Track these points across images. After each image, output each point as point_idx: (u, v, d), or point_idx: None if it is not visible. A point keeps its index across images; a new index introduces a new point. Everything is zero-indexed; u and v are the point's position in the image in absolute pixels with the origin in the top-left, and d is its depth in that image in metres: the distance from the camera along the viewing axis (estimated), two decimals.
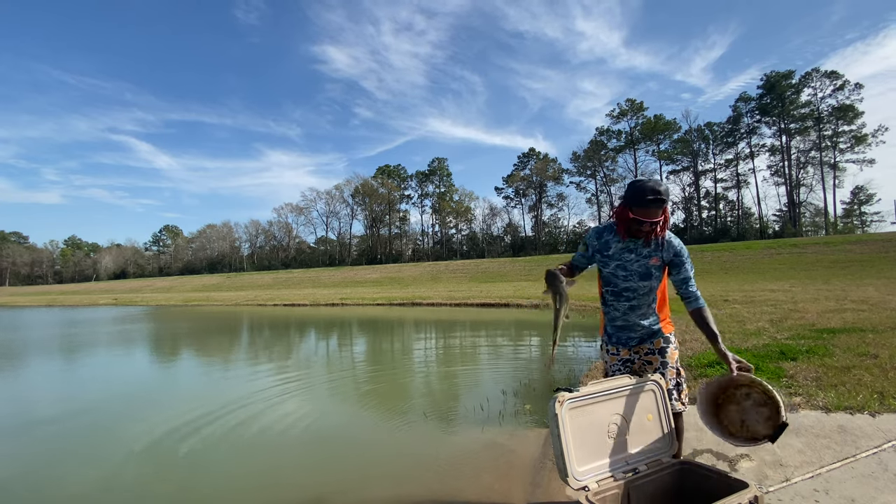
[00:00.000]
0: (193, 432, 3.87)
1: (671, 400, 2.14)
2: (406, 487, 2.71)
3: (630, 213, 1.94)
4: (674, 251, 2.06)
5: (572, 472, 1.79)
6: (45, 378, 6.98)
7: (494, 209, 71.09)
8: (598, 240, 2.11)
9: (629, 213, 1.94)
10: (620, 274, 2.09)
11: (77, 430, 4.13)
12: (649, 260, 2.05)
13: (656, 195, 1.88)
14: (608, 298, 2.17)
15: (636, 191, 1.92)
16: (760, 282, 18.81)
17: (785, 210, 53.75)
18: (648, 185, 1.90)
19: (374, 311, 17.86)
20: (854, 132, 48.49)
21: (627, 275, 2.08)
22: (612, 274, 2.11)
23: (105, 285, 71.96)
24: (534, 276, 36.05)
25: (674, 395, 2.14)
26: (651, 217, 1.91)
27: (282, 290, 41.63)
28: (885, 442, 2.52)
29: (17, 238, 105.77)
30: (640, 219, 1.92)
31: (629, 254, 2.06)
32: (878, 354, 4.34)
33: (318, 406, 4.79)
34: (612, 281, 2.12)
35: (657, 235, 2.00)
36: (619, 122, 62.14)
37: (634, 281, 2.08)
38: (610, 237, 2.08)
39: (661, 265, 2.08)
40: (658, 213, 1.91)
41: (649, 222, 1.92)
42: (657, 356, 2.16)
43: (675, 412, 2.13)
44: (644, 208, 1.89)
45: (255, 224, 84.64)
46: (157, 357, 8.92)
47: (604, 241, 2.09)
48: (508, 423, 3.77)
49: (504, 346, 8.30)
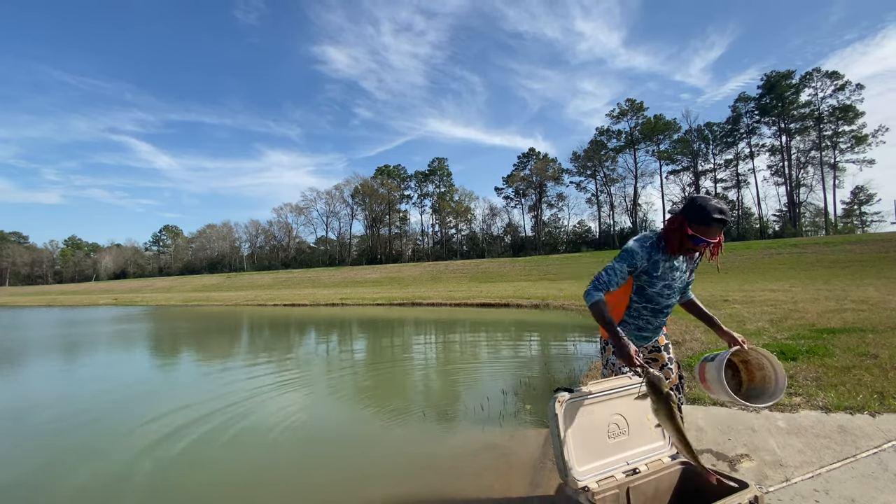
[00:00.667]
0: (193, 431, 3.87)
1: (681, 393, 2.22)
2: (406, 487, 2.71)
3: (689, 230, 1.86)
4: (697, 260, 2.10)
5: (572, 472, 1.79)
6: (45, 377, 6.98)
7: (494, 209, 71.18)
8: (648, 259, 1.99)
9: (688, 230, 1.86)
10: (665, 293, 2.05)
11: (76, 429, 4.12)
12: (687, 275, 2.08)
13: (722, 215, 1.81)
14: (644, 314, 2.11)
15: (701, 208, 1.84)
16: (760, 282, 18.81)
17: (785, 210, 53.77)
18: (714, 203, 1.83)
19: (374, 311, 17.86)
20: (854, 132, 48.51)
21: (672, 293, 2.06)
22: (658, 293, 2.05)
23: (105, 285, 71.95)
24: (534, 277, 36.04)
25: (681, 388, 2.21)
26: (711, 237, 1.85)
27: (282, 290, 41.62)
28: (885, 442, 2.52)
29: (17, 238, 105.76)
30: (699, 237, 1.85)
31: (675, 272, 2.02)
32: (878, 354, 4.34)
33: (318, 405, 4.79)
34: (656, 299, 2.06)
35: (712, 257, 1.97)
36: (619, 122, 62.22)
37: (674, 297, 2.09)
38: (659, 256, 1.98)
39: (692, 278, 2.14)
40: (717, 233, 1.86)
41: (707, 241, 1.86)
42: (663, 353, 2.21)
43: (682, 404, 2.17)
44: (706, 227, 1.83)
45: (255, 224, 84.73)
46: (157, 356, 8.91)
47: (654, 261, 1.99)
48: (508, 423, 3.77)
49: (504, 346, 8.30)
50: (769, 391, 2.07)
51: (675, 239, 1.92)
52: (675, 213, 1.95)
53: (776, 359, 2.07)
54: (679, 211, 1.94)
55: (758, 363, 2.17)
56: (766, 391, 2.08)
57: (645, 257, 1.97)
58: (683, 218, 1.88)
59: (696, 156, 57.99)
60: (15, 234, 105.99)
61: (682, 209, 1.92)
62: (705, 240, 1.85)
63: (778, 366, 2.06)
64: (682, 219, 1.89)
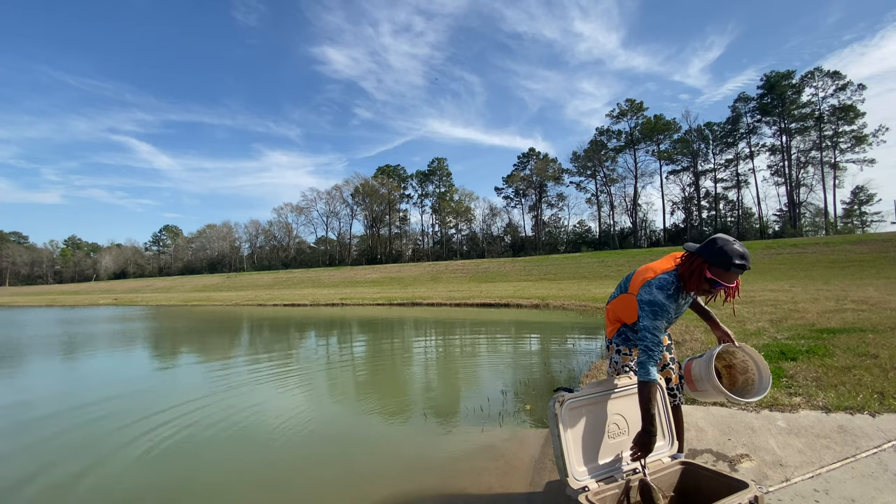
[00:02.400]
0: (192, 430, 3.87)
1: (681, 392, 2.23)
2: (406, 487, 2.71)
3: (708, 273, 1.83)
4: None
5: (572, 472, 1.79)
6: (44, 377, 6.98)
7: (494, 209, 71.18)
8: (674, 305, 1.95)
9: (706, 273, 1.83)
10: (673, 319, 2.04)
11: (75, 428, 4.12)
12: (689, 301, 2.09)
13: (743, 260, 1.78)
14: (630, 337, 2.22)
15: (722, 252, 1.79)
16: (760, 282, 18.80)
17: (785, 210, 53.75)
18: (737, 248, 1.79)
19: (374, 310, 17.86)
20: (854, 132, 48.49)
21: (677, 317, 2.09)
22: (668, 322, 2.02)
23: (105, 285, 71.94)
24: (534, 277, 36.04)
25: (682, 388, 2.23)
26: (729, 281, 1.82)
27: (282, 290, 41.62)
28: (885, 442, 2.52)
29: (17, 238, 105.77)
30: (717, 281, 1.82)
31: (684, 303, 2.04)
32: (878, 354, 4.33)
33: (317, 405, 4.79)
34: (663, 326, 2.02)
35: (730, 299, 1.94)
36: (619, 122, 62.21)
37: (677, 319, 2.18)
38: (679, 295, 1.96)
39: None
40: (736, 277, 1.84)
41: (725, 286, 1.84)
42: (665, 353, 2.22)
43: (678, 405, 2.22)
44: (726, 272, 1.80)
45: (255, 224, 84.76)
46: (157, 356, 8.91)
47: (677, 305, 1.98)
48: (508, 423, 3.77)
49: (504, 346, 8.30)
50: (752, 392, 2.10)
51: (692, 281, 1.89)
52: (694, 253, 1.89)
53: (762, 359, 2.12)
54: (698, 250, 1.88)
55: (742, 366, 2.20)
56: (748, 393, 2.11)
57: (672, 306, 1.93)
58: (703, 260, 1.84)
59: (696, 156, 57.97)
60: (15, 234, 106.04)
61: (701, 249, 1.87)
62: (723, 284, 1.82)
63: (764, 367, 2.11)
64: (700, 261, 1.85)
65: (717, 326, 2.18)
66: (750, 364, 2.18)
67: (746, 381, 2.16)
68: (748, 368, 2.18)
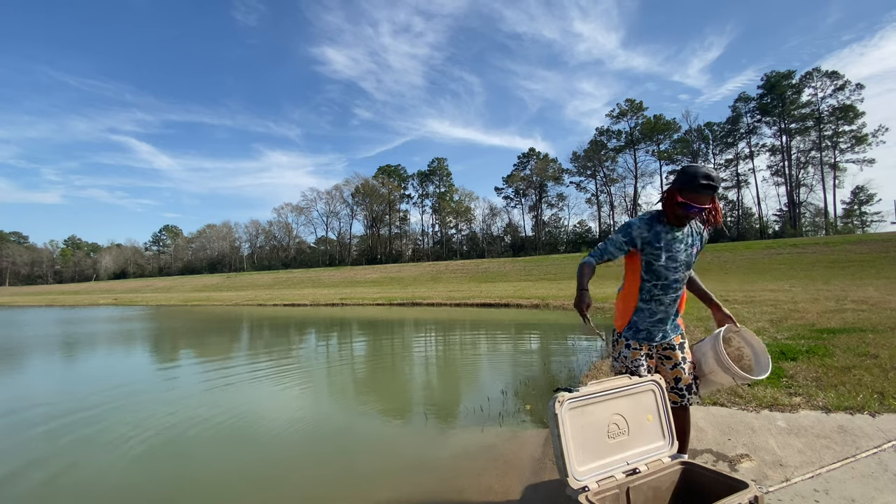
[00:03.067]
0: (191, 428, 3.87)
1: (690, 394, 2.19)
2: (405, 487, 2.71)
3: (679, 197, 1.92)
4: (705, 237, 2.15)
5: (572, 472, 1.79)
6: (43, 376, 6.98)
7: (494, 209, 71.19)
8: (648, 230, 2.03)
9: (678, 197, 1.93)
10: (672, 265, 2.05)
11: (74, 427, 4.12)
12: (693, 248, 2.10)
13: (709, 180, 1.87)
14: (655, 293, 2.09)
15: (688, 175, 1.90)
16: (760, 282, 18.80)
17: (785, 210, 53.75)
18: (702, 169, 1.90)
19: (374, 310, 17.86)
20: (854, 132, 48.48)
21: (677, 266, 2.07)
22: (664, 266, 2.04)
23: (105, 285, 71.94)
24: (534, 277, 36.02)
25: (693, 389, 2.19)
26: (701, 203, 1.90)
27: (282, 290, 41.62)
28: (885, 442, 2.52)
29: (17, 238, 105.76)
30: (689, 203, 1.90)
31: (678, 244, 2.05)
32: (878, 354, 4.34)
33: (317, 405, 4.79)
34: (663, 273, 2.06)
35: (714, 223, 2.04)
36: (619, 122, 62.20)
37: (682, 271, 2.09)
38: (659, 227, 2.04)
39: (699, 251, 2.13)
40: (708, 199, 1.91)
41: (698, 208, 1.90)
42: (677, 352, 2.18)
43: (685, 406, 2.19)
44: (695, 193, 1.88)
45: (255, 224, 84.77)
46: (156, 355, 8.91)
47: (654, 232, 2.03)
48: (508, 423, 3.76)
49: (504, 346, 8.30)
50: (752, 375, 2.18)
51: (667, 207, 2.00)
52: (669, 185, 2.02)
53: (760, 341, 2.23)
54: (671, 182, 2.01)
55: (737, 354, 2.27)
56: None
57: (644, 228, 2.03)
58: (673, 187, 1.96)
59: (696, 156, 57.94)
60: (15, 234, 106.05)
61: (673, 180, 1.99)
62: (696, 206, 1.90)
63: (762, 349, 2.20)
64: (672, 188, 1.97)
65: (718, 309, 2.23)
66: (745, 351, 2.25)
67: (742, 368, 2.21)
68: (742, 356, 2.25)
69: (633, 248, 2.08)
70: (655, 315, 2.13)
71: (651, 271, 2.07)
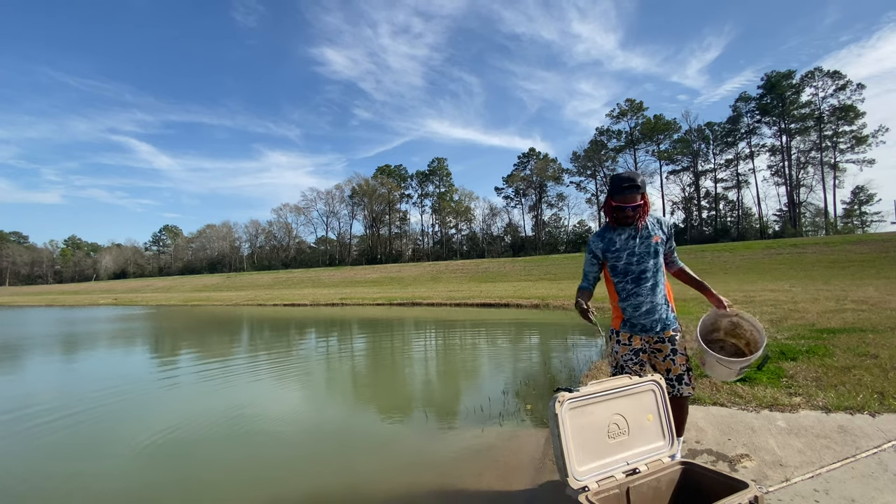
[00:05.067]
0: (190, 427, 3.87)
1: (681, 384, 2.26)
2: (405, 487, 2.71)
3: (612, 202, 2.21)
4: (667, 225, 2.34)
5: (572, 472, 1.79)
6: (43, 376, 6.98)
7: (494, 209, 71.20)
8: (602, 241, 2.32)
9: (612, 203, 2.21)
10: (633, 260, 2.25)
11: (73, 426, 4.12)
12: (652, 239, 2.25)
13: (630, 182, 2.15)
14: (629, 287, 2.27)
15: (613, 181, 2.22)
16: (760, 282, 18.80)
17: (785, 210, 53.74)
18: (623, 175, 2.19)
19: (374, 310, 17.85)
20: (854, 132, 48.48)
21: (639, 258, 2.24)
22: (627, 263, 2.26)
23: (105, 285, 71.92)
24: (534, 277, 36.04)
25: (684, 380, 2.27)
26: (630, 202, 2.16)
27: (282, 290, 41.62)
28: (885, 442, 2.52)
29: (17, 238, 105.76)
30: (621, 205, 2.17)
31: (633, 240, 2.25)
32: (878, 354, 4.34)
33: (317, 405, 4.79)
34: (629, 269, 2.26)
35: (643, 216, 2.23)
36: (619, 122, 62.22)
37: (647, 261, 2.24)
38: (612, 234, 2.30)
39: (663, 240, 2.28)
40: (636, 198, 2.15)
41: (630, 207, 2.16)
42: (667, 344, 2.27)
43: (684, 395, 2.27)
44: (622, 195, 2.15)
45: (255, 224, 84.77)
46: (156, 355, 8.91)
47: (608, 240, 2.30)
48: (509, 423, 3.76)
49: (504, 346, 8.30)
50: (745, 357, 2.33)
51: (608, 214, 2.28)
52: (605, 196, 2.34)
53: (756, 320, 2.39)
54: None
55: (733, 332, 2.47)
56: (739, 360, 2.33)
57: (598, 240, 2.33)
58: (607, 195, 2.27)
59: (697, 156, 57.98)
60: (15, 234, 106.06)
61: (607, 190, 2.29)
62: (628, 205, 2.16)
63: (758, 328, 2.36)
64: (606, 197, 2.28)
65: (711, 295, 2.37)
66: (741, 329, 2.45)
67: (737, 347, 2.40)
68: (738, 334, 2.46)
69: (599, 260, 2.34)
70: (641, 307, 2.25)
71: (617, 272, 2.29)
